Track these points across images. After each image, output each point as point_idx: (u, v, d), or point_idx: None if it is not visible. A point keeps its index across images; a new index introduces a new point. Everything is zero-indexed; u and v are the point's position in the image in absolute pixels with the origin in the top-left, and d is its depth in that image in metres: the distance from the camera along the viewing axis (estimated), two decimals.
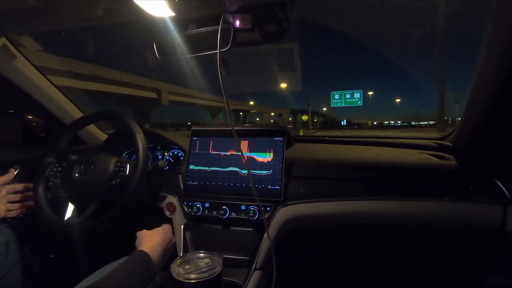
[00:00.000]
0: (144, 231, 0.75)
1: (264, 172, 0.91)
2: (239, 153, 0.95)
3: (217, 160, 0.98)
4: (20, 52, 1.03)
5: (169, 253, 0.76)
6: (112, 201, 0.81)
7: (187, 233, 0.69)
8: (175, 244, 0.80)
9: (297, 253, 1.18)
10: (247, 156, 0.94)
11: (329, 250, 1.19)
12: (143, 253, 0.67)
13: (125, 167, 0.85)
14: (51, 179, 0.88)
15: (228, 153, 0.97)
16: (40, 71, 1.10)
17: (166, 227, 0.78)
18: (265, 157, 0.93)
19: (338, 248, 1.18)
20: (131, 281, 0.60)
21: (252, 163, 0.93)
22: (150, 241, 0.71)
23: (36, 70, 1.08)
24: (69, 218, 0.86)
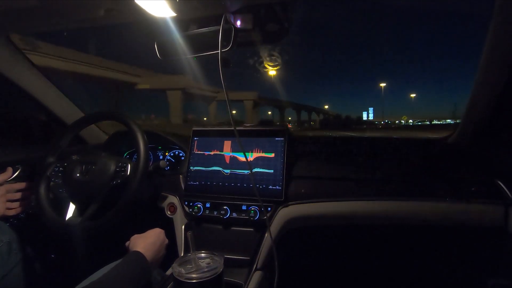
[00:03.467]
0: (136, 235, 0.76)
1: (265, 172, 0.91)
2: (240, 153, 0.95)
3: (218, 160, 0.98)
4: (22, 52, 1.03)
5: (162, 254, 0.78)
6: (113, 201, 0.81)
7: (189, 233, 0.69)
8: (167, 245, 0.80)
9: (298, 253, 1.18)
10: (249, 156, 0.94)
11: (330, 250, 1.19)
12: (138, 253, 0.69)
13: (126, 167, 0.85)
14: (52, 179, 0.89)
15: (229, 153, 0.97)
16: (42, 71, 1.10)
17: (158, 229, 0.80)
18: (266, 157, 0.93)
19: (339, 248, 1.18)
20: (126, 281, 0.62)
21: (253, 163, 0.93)
22: (143, 242, 0.73)
23: (38, 70, 1.08)
24: (70, 218, 0.87)
